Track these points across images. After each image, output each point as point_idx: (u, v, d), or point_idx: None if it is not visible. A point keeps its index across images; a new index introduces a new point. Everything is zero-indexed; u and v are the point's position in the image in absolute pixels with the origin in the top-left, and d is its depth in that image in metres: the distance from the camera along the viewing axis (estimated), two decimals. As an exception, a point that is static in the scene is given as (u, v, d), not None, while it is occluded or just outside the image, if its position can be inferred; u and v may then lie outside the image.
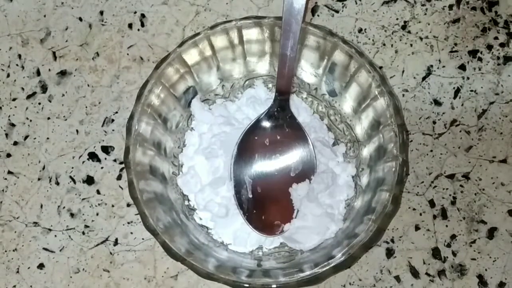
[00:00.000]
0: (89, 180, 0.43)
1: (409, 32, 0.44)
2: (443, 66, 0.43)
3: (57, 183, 0.43)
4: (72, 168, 0.43)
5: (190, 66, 0.38)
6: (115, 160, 0.43)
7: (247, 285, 0.32)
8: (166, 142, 0.39)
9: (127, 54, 0.45)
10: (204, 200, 0.39)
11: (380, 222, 0.33)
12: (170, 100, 0.38)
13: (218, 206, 0.38)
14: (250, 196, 0.38)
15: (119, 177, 0.43)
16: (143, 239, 0.41)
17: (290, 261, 0.37)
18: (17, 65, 0.46)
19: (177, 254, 0.33)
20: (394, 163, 0.34)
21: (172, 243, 0.33)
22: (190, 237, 0.36)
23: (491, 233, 0.40)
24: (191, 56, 0.38)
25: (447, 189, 0.41)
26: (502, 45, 0.43)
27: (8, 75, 0.45)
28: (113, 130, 0.44)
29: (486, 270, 0.40)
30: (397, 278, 0.40)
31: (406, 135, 0.35)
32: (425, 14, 0.44)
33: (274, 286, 0.32)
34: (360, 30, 0.45)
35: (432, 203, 0.41)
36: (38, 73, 0.45)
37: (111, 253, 0.41)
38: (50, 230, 0.42)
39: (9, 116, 0.45)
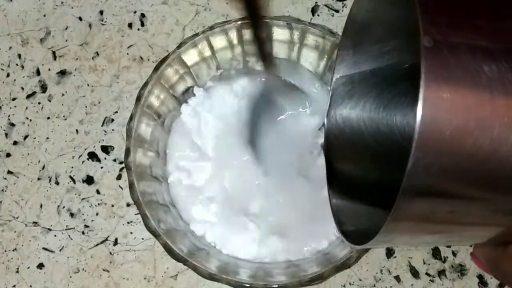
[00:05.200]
0: (89, 180, 0.43)
1: (409, 31, 0.44)
2: (443, 66, 0.43)
3: (57, 183, 0.43)
4: (72, 168, 0.43)
5: (190, 67, 0.38)
6: (115, 160, 0.43)
7: (249, 285, 0.32)
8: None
9: (127, 53, 0.45)
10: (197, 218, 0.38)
11: None
12: (169, 101, 0.38)
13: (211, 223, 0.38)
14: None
15: (119, 177, 0.43)
16: (142, 239, 0.41)
17: (292, 260, 0.37)
18: (17, 64, 0.46)
19: (178, 255, 0.33)
20: None
21: (174, 244, 0.33)
22: (191, 238, 0.36)
23: (491, 233, 0.40)
24: (191, 56, 0.38)
25: (447, 189, 0.41)
26: (502, 44, 0.43)
27: (8, 75, 0.45)
28: (113, 130, 0.44)
29: (486, 270, 0.40)
30: (397, 278, 0.40)
31: None
32: (425, 13, 0.44)
33: (276, 286, 0.32)
34: (360, 30, 0.44)
35: (432, 203, 0.41)
36: (38, 72, 0.45)
37: (110, 253, 0.41)
38: (49, 230, 0.42)
39: (8, 115, 0.45)
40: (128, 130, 0.35)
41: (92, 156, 0.43)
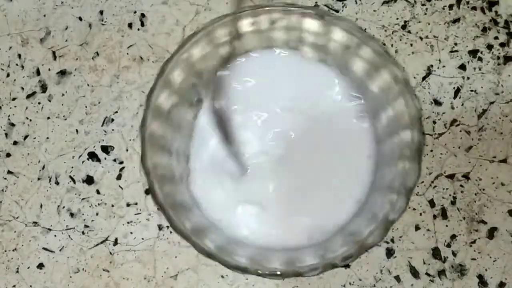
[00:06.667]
0: (89, 180, 0.43)
1: (409, 32, 0.44)
2: (443, 66, 0.43)
3: (57, 183, 0.43)
4: (72, 168, 0.43)
5: (192, 66, 0.38)
6: (115, 160, 0.43)
7: (280, 273, 0.32)
8: (180, 144, 0.39)
9: (127, 53, 0.45)
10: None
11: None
12: (178, 99, 0.38)
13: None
14: None
15: (119, 177, 0.43)
16: (142, 239, 0.41)
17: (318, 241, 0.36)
18: (16, 64, 0.46)
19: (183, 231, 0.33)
20: (406, 162, 0.34)
21: (178, 218, 0.33)
22: (200, 215, 0.36)
23: (491, 233, 0.40)
24: (193, 55, 0.38)
25: (447, 189, 0.41)
26: (502, 45, 0.43)
27: (8, 75, 0.45)
28: (113, 130, 0.44)
29: (486, 270, 0.40)
30: (397, 278, 0.40)
31: (421, 136, 0.34)
32: (425, 14, 0.44)
33: (307, 269, 0.32)
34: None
35: (432, 203, 0.41)
36: (38, 72, 0.45)
37: (110, 253, 0.41)
38: (49, 230, 0.42)
39: (8, 115, 0.45)
40: (142, 133, 0.34)
41: (92, 156, 0.43)
